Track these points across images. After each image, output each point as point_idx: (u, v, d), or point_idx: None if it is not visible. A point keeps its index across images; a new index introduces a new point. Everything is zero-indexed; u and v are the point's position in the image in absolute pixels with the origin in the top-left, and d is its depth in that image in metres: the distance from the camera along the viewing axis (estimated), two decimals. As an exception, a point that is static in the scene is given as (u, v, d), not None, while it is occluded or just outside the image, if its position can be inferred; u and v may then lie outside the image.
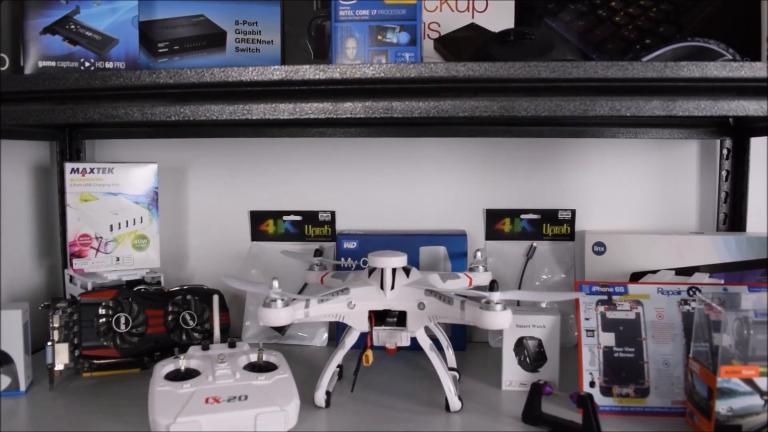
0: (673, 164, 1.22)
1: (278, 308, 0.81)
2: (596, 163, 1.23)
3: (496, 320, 0.78)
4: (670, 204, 1.22)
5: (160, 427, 0.76)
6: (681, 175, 1.22)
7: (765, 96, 0.70)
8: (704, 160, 1.21)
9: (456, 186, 1.25)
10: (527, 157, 1.23)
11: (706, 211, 1.22)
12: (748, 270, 1.09)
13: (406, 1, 0.80)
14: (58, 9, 0.92)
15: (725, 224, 1.19)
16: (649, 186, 1.22)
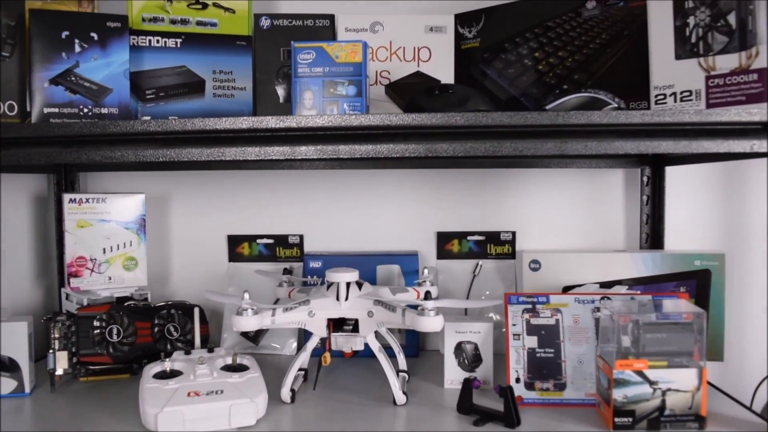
0: (601, 190, 1.41)
1: (249, 316, 0.99)
2: (534, 191, 1.42)
3: (429, 324, 0.96)
4: (600, 225, 1.42)
5: (149, 416, 0.93)
6: (608, 200, 1.41)
7: (640, 138, 0.89)
8: (628, 187, 1.41)
9: (410, 211, 1.43)
10: (473, 185, 1.43)
11: (631, 232, 1.41)
12: (663, 282, 1.28)
13: (353, 60, 0.99)
14: (60, 63, 1.10)
15: (647, 243, 1.39)
16: (580, 210, 1.42)
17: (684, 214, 1.39)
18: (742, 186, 1.38)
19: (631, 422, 0.96)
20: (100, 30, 1.12)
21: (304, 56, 1.01)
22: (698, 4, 0.98)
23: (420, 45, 1.26)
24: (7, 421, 1.01)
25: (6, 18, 1.12)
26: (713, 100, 0.97)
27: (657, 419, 0.95)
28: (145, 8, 1.19)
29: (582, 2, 1.16)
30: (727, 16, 0.95)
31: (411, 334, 1.34)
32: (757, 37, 0.93)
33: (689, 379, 0.95)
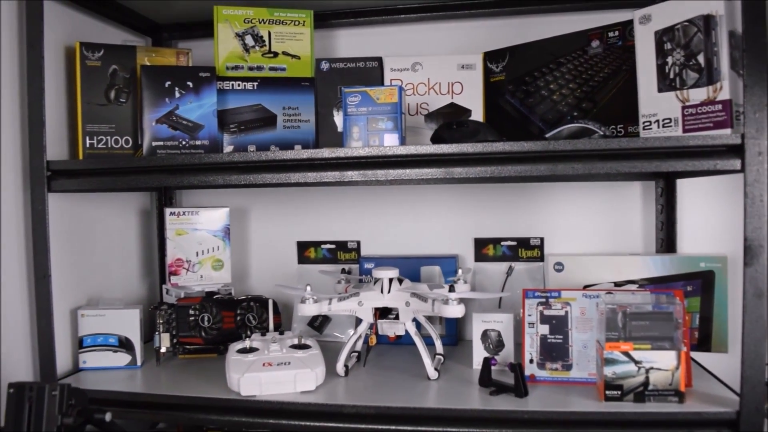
0: (620, 201, 1.64)
1: (310, 304, 1.29)
2: (560, 202, 1.66)
3: (452, 311, 1.23)
4: (619, 232, 1.64)
5: (234, 380, 1.25)
6: (627, 209, 1.63)
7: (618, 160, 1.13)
8: (645, 198, 1.63)
9: (451, 220, 1.70)
10: (506, 197, 1.68)
11: (647, 237, 1.63)
12: (672, 282, 1.49)
13: (391, 101, 1.28)
14: (163, 107, 1.45)
15: (662, 247, 1.60)
16: (602, 218, 1.65)
17: (695, 221, 1.59)
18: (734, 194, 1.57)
19: (620, 395, 1.19)
20: (194, 79, 1.45)
21: (352, 98, 1.30)
22: (674, 46, 1.20)
23: (453, 80, 1.54)
24: (124, 384, 1.35)
25: (122, 72, 1.47)
26: (688, 126, 1.19)
27: (642, 393, 1.18)
28: (228, 59, 1.52)
29: (588, 42, 1.40)
30: (697, 56, 1.17)
31: (450, 325, 1.60)
32: (721, 74, 1.15)
33: (669, 360, 1.18)
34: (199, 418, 1.28)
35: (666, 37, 1.22)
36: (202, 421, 1.29)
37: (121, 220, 1.69)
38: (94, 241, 1.57)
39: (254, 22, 1.53)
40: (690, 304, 1.48)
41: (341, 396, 1.25)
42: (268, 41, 1.54)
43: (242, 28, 1.53)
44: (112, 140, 1.46)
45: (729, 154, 1.12)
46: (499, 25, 1.65)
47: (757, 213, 1.10)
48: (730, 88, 1.14)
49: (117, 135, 1.46)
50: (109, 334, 1.46)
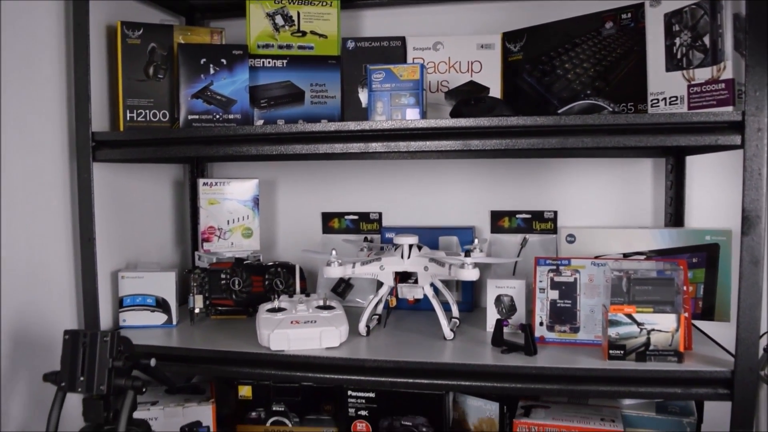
0: (631, 177, 1.73)
1: (335, 266, 1.40)
2: (574, 177, 1.75)
3: (467, 274, 1.33)
4: (631, 206, 1.73)
5: (264, 336, 1.37)
6: (638, 184, 1.72)
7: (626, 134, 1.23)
8: (655, 174, 1.72)
9: (469, 194, 1.81)
10: (522, 172, 1.78)
11: (657, 212, 1.72)
12: (678, 254, 1.58)
13: (413, 77, 1.38)
14: (199, 83, 1.56)
15: (671, 221, 1.69)
16: (614, 193, 1.74)
17: (703, 197, 1.68)
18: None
19: (623, 354, 1.29)
20: (228, 56, 1.56)
21: (377, 75, 1.40)
22: (682, 28, 1.29)
23: (473, 59, 1.63)
24: (161, 341, 1.48)
25: (160, 50, 1.58)
26: (693, 104, 1.28)
27: (643, 353, 1.28)
28: (259, 37, 1.63)
29: (602, 23, 1.49)
30: (703, 38, 1.26)
31: (466, 292, 1.71)
32: (725, 54, 1.23)
33: (670, 323, 1.28)
34: (231, 370, 1.41)
35: (674, 19, 1.31)
36: (234, 373, 1.42)
37: (157, 191, 1.81)
38: (133, 209, 1.69)
39: (284, 2, 1.63)
40: (695, 275, 1.57)
41: (363, 352, 1.37)
42: (297, 21, 1.64)
43: (273, 8, 1.63)
44: (150, 114, 1.58)
45: (730, 130, 1.20)
46: (518, 7, 1.73)
47: (755, 186, 1.19)
48: (733, 68, 1.23)
49: (155, 109, 1.58)
50: (147, 294, 1.58)
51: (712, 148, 1.42)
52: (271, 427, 1.55)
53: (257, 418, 1.55)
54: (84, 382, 1.12)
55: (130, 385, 1.12)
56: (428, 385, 1.32)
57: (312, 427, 1.54)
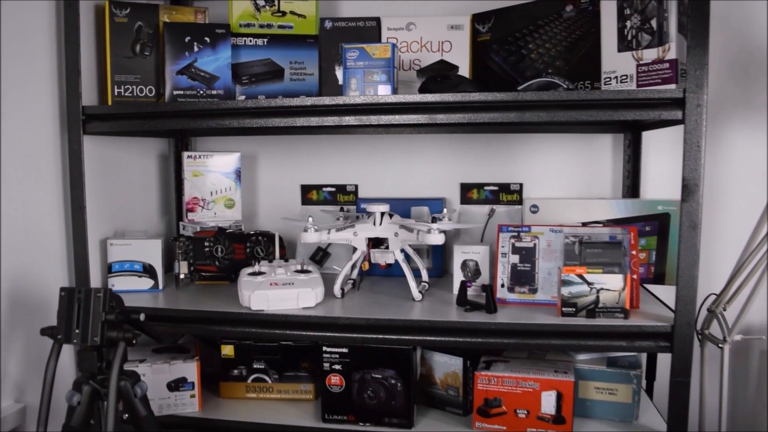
0: (592, 152, 1.86)
1: (311, 232, 1.52)
2: (539, 151, 1.88)
3: (433, 239, 1.46)
4: (591, 179, 1.86)
5: (245, 297, 1.49)
6: (598, 159, 1.86)
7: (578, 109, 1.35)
8: (614, 149, 1.85)
9: (440, 167, 1.93)
10: (490, 146, 1.90)
11: (616, 184, 1.85)
12: (633, 223, 1.71)
13: (385, 56, 1.49)
14: (183, 59, 1.66)
15: (628, 193, 1.82)
16: (576, 167, 1.87)
17: (657, 170, 1.81)
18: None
19: (574, 311, 1.42)
20: (211, 35, 1.67)
21: (351, 54, 1.51)
22: (632, 12, 1.41)
23: (443, 39, 1.74)
24: (149, 303, 1.59)
25: (146, 28, 1.68)
26: (641, 82, 1.41)
27: (593, 310, 1.42)
28: (241, 17, 1.73)
29: (563, 6, 1.61)
30: (651, 21, 1.38)
31: (436, 259, 1.84)
32: (670, 36, 1.36)
33: (617, 282, 1.41)
34: (214, 329, 1.53)
35: (626, 3, 1.43)
36: (217, 332, 1.54)
37: (144, 164, 1.92)
38: (121, 181, 1.80)
39: (264, -17, 1.74)
40: (648, 243, 1.71)
41: (337, 311, 1.49)
42: (278, 1, 1.75)
43: (253, -11, 1.74)
44: (137, 89, 1.68)
45: (672, 106, 1.33)
46: (487, -11, 1.85)
47: (694, 157, 1.32)
48: (676, 49, 1.36)
49: (142, 85, 1.68)
50: (135, 261, 1.69)
51: (662, 123, 1.56)
52: (252, 384, 1.68)
53: (239, 375, 1.68)
54: (79, 334, 1.23)
55: (122, 337, 1.24)
56: (397, 340, 1.45)
57: (290, 384, 1.67)
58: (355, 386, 1.51)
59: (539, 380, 1.45)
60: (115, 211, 1.78)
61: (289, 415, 1.60)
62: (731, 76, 1.78)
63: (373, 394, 1.50)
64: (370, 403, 1.51)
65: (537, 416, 1.45)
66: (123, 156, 1.81)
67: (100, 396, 1.27)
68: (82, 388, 1.26)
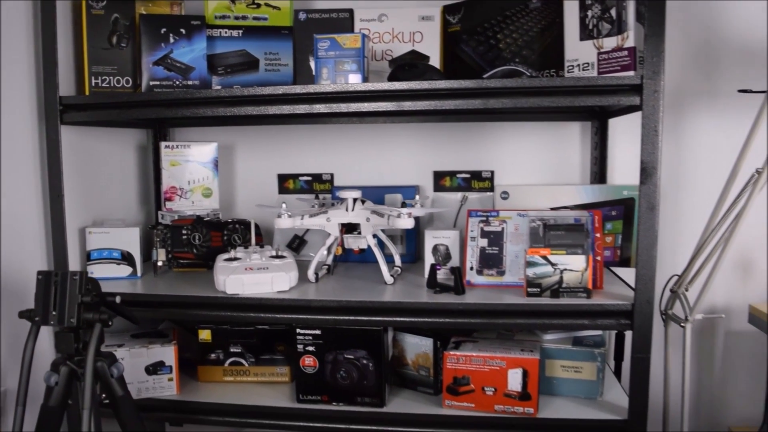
0: (561, 139, 1.91)
1: (285, 218, 1.57)
2: (509, 139, 1.94)
3: (402, 223, 1.51)
4: (561, 165, 1.92)
5: (220, 281, 1.53)
6: (567, 146, 1.91)
7: (541, 96, 1.40)
8: (582, 136, 1.90)
9: (413, 155, 1.98)
10: (462, 135, 1.96)
11: (584, 170, 1.91)
12: (600, 207, 1.77)
13: (355, 46, 1.54)
14: (159, 50, 1.70)
15: (595, 179, 1.88)
16: (546, 154, 1.93)
17: (624, 156, 1.87)
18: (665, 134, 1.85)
19: (539, 291, 1.48)
20: (187, 26, 1.71)
21: (322, 44, 1.56)
22: (593, 2, 1.47)
23: (414, 30, 1.79)
24: (129, 289, 1.64)
25: (123, 20, 1.72)
26: (602, 69, 1.46)
27: (557, 290, 1.47)
28: (216, 9, 1.77)
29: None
30: (611, 10, 1.44)
31: (409, 245, 1.89)
32: (628, 25, 1.42)
33: (580, 263, 1.47)
34: (191, 313, 1.57)
35: (587, -7, 1.49)
36: (193, 316, 1.59)
37: (122, 154, 1.96)
38: (99, 171, 1.84)
39: (239, -24, 1.78)
40: (614, 227, 1.77)
41: (311, 295, 1.54)
42: (252, -7, 1.79)
43: (228, -18, 1.78)
44: (114, 80, 1.72)
45: (631, 92, 1.39)
46: (458, -19, 1.90)
47: (652, 141, 1.38)
48: (635, 37, 1.42)
49: (119, 75, 1.72)
50: (113, 248, 1.73)
51: (627, 110, 1.62)
52: (229, 367, 1.72)
53: (216, 359, 1.72)
54: (56, 315, 1.27)
55: (98, 318, 1.28)
56: (368, 321, 1.50)
57: (267, 367, 1.72)
58: (328, 367, 1.56)
59: (506, 358, 1.51)
60: (94, 200, 1.82)
61: (266, 396, 1.65)
62: (695, 65, 1.85)
63: (346, 375, 1.55)
64: (343, 383, 1.56)
65: (504, 393, 1.51)
66: (102, 146, 1.85)
67: (78, 376, 1.31)
68: (60, 369, 1.31)
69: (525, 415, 1.50)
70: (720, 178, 1.56)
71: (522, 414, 1.50)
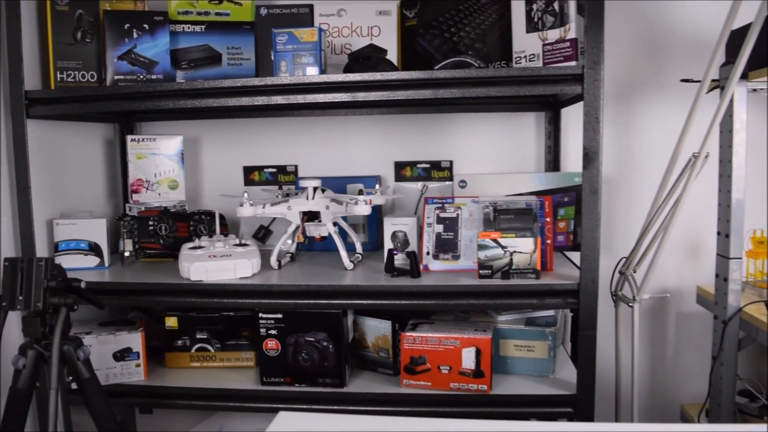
0: (517, 129, 2.00)
1: (246, 207, 1.64)
2: (468, 130, 2.02)
3: (358, 209, 1.59)
4: (517, 154, 2.01)
5: (185, 269, 1.60)
6: (523, 136, 2.00)
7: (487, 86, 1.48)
8: (537, 126, 1.99)
9: (375, 146, 2.06)
10: (422, 126, 2.04)
11: (539, 159, 2.00)
12: (553, 194, 1.86)
13: (312, 40, 1.61)
14: (124, 46, 1.76)
15: (550, 167, 1.97)
16: (502, 144, 2.01)
17: (576, 145, 1.96)
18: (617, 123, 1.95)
19: (490, 273, 1.56)
20: (150, 22, 1.77)
21: (281, 38, 1.63)
22: (538, -4, 1.55)
23: (372, 24, 1.87)
24: (96, 278, 1.70)
25: (87, 16, 1.78)
26: (546, 60, 1.55)
27: (507, 271, 1.56)
28: (179, 5, 1.84)
29: (480, -8, 1.75)
30: (554, 4, 1.52)
31: (371, 234, 1.97)
32: (570, 17, 1.50)
33: (528, 245, 1.55)
34: (156, 300, 1.64)
35: (532, -13, 1.57)
36: (159, 303, 1.65)
37: (90, 148, 2.01)
38: (67, 165, 1.90)
39: (201, -27, 1.85)
40: (567, 212, 1.85)
41: (273, 281, 1.61)
42: (214, -10, 1.86)
43: (191, -22, 1.84)
44: (79, 75, 1.77)
45: (573, 81, 1.47)
46: (416, -23, 1.98)
47: (593, 128, 1.47)
48: (576, 29, 1.50)
49: (83, 70, 1.78)
50: (81, 239, 1.79)
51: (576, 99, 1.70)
52: (195, 353, 1.79)
53: (183, 345, 1.79)
54: (23, 300, 1.33)
55: (63, 303, 1.35)
56: (327, 305, 1.58)
57: (232, 352, 1.78)
58: (290, 350, 1.63)
59: (460, 338, 1.59)
60: (62, 193, 1.88)
61: (231, 380, 1.72)
62: (643, 57, 1.94)
63: (307, 357, 1.63)
64: (305, 365, 1.63)
65: (459, 371, 1.59)
66: (70, 141, 1.91)
67: (45, 359, 1.37)
68: (27, 352, 1.37)
69: (479, 392, 1.58)
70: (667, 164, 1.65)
71: (476, 391, 1.58)
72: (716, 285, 1.72)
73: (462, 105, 1.99)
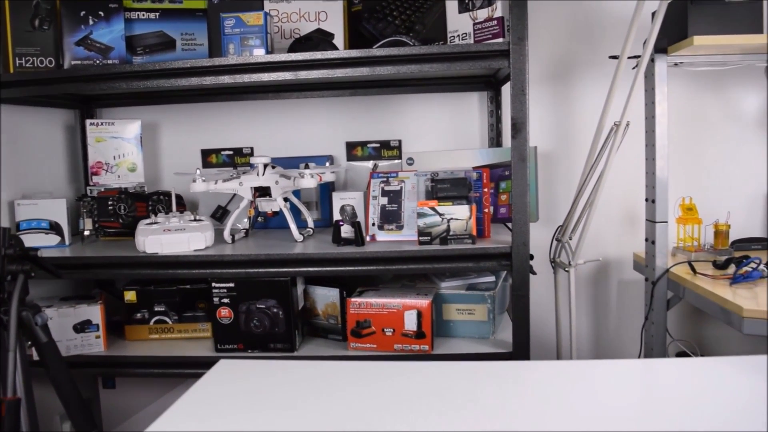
0: (462, 108, 2.13)
1: (199, 183, 1.75)
2: (415, 109, 2.15)
3: (304, 183, 1.71)
4: (463, 132, 2.14)
5: (140, 242, 1.71)
6: (467, 114, 2.13)
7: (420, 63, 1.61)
8: (480, 105, 2.12)
9: (327, 127, 2.18)
10: (372, 107, 2.16)
11: (483, 136, 2.13)
12: (496, 168, 1.99)
13: (258, 23, 1.73)
14: (80, 32, 1.87)
15: (493, 143, 2.10)
16: (448, 122, 2.14)
17: (517, 123, 2.10)
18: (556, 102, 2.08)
19: (429, 240, 1.69)
20: (105, 9, 1.88)
21: (228, 22, 1.75)
22: (469, -22, 1.69)
23: (319, 10, 1.99)
24: (56, 254, 1.80)
25: (44, 3, 1.88)
26: (477, 38, 1.68)
27: (445, 238, 1.68)
28: (133, -7, 1.95)
29: (419, -24, 1.87)
30: (483, -15, 1.66)
31: (324, 211, 2.09)
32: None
33: (464, 212, 1.68)
34: (114, 272, 1.75)
35: (464, -30, 1.71)
36: (116, 274, 1.77)
37: (51, 133, 2.12)
38: (28, 149, 2.00)
39: (154, -38, 1.96)
40: (508, 186, 1.98)
41: (226, 252, 1.73)
42: (166, -22, 1.97)
43: (144, -33, 1.96)
44: (38, 61, 1.88)
45: (500, 56, 1.60)
46: (363, -35, 2.10)
47: (520, 100, 1.60)
48: (502, 8, 1.63)
49: (42, 56, 1.88)
50: (41, 219, 1.90)
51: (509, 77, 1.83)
52: (154, 325, 1.90)
53: (142, 318, 1.90)
54: (-18, 268, 1.45)
55: (21, 269, 1.45)
56: (276, 273, 1.70)
57: (189, 324, 1.90)
58: (242, 317, 1.75)
59: (402, 302, 1.71)
60: (24, 176, 1.98)
61: (188, 349, 1.83)
62: (581, 37, 2.08)
63: (259, 323, 1.75)
64: (257, 331, 1.75)
65: (402, 333, 1.71)
66: (31, 126, 2.01)
67: (3, 324, 1.48)
68: (-13, 318, 1.48)
69: (421, 352, 1.71)
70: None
71: (419, 351, 1.71)
72: (646, 249, 1.86)
73: (410, 87, 2.12)
